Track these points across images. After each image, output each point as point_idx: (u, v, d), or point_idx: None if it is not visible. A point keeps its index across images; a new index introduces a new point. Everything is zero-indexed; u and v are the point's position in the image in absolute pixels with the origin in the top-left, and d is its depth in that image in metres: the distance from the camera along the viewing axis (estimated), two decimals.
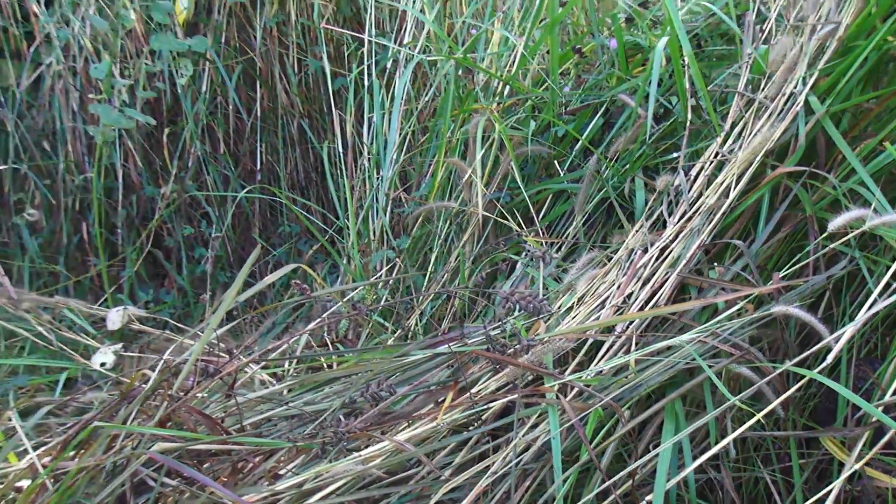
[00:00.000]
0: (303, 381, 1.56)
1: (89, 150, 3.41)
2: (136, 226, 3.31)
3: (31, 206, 3.23)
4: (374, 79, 2.57)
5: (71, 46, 3.30)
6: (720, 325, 1.44)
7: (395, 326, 2.12)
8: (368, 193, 2.46)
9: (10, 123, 3.40)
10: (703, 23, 2.02)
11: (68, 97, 3.35)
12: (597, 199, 1.92)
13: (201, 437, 1.34)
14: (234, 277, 3.29)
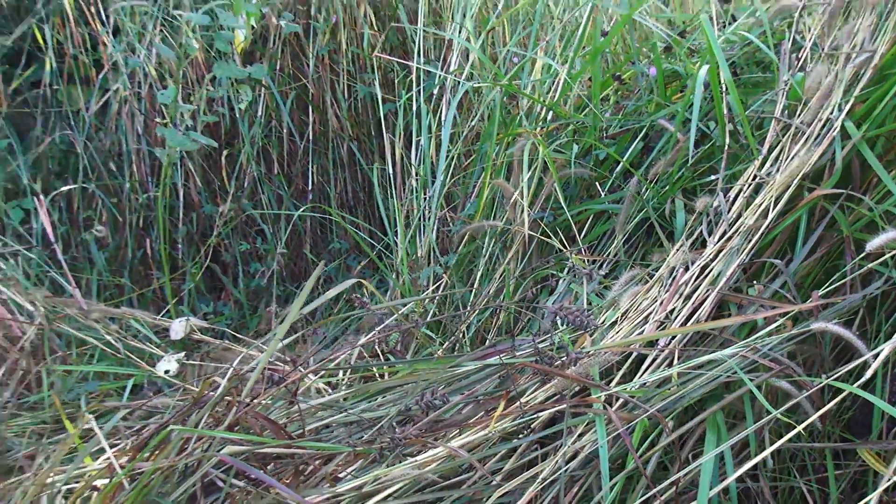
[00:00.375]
0: (359, 389, 1.58)
1: (152, 170, 3.47)
2: (196, 242, 3.35)
3: (99, 223, 3.29)
4: (422, 104, 2.60)
5: (136, 73, 3.37)
6: (760, 340, 1.44)
7: (443, 339, 2.13)
8: (416, 212, 2.48)
9: (80, 145, 3.47)
10: (739, 51, 2.01)
11: (133, 121, 3.42)
12: (637, 219, 1.91)
13: (267, 441, 1.36)
14: (286, 291, 3.34)
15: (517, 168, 2.10)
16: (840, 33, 1.77)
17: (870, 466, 1.45)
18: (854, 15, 1.82)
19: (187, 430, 1.33)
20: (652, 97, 2.09)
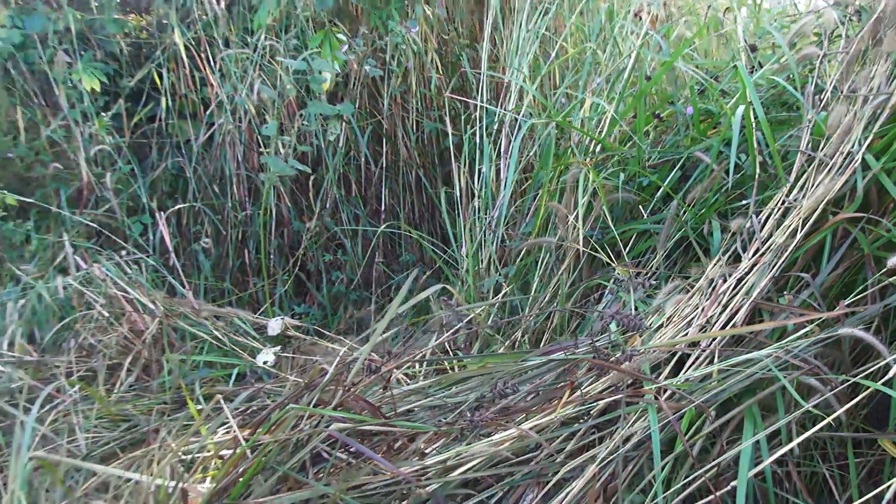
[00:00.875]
0: (441, 379, 1.60)
1: (249, 192, 3.53)
2: (286, 253, 3.41)
3: (205, 236, 3.35)
4: (485, 137, 2.63)
5: (238, 109, 3.45)
6: (790, 343, 1.44)
7: (504, 339, 2.15)
8: (480, 230, 2.50)
9: (189, 170, 3.55)
10: (766, 93, 2.01)
11: (234, 150, 3.49)
12: (676, 237, 1.92)
13: (367, 420, 1.39)
14: (361, 296, 3.38)
15: (570, 192, 2.12)
16: (858, 78, 1.77)
17: (886, 455, 1.44)
18: (870, 62, 1.82)
19: (303, 409, 1.36)
20: (689, 132, 2.10)
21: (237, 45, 3.52)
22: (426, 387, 1.58)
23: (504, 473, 1.41)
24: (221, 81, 3.51)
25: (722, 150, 1.92)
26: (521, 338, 2.08)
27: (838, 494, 1.52)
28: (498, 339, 2.15)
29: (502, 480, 1.40)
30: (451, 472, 1.37)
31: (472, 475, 1.38)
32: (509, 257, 2.40)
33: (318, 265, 3.37)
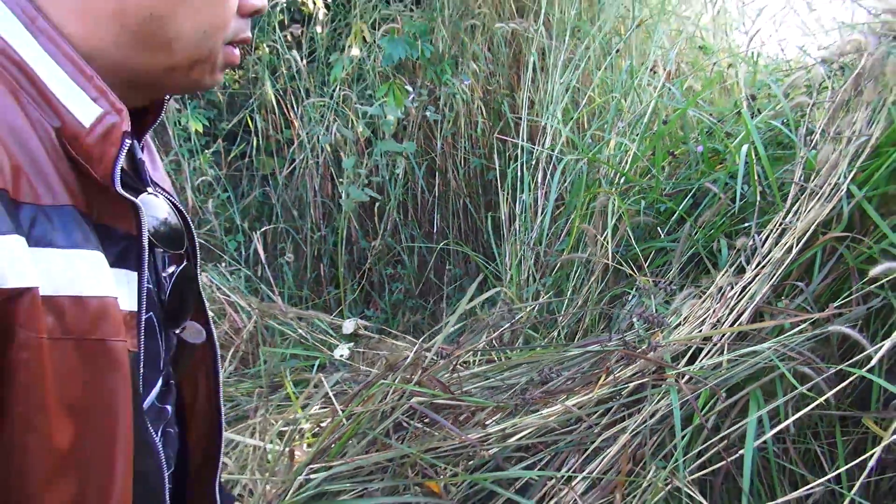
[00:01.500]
0: (497, 365, 1.70)
1: (324, 216, 3.68)
2: (354, 267, 3.54)
3: (288, 252, 3.50)
4: (525, 171, 2.73)
5: (316, 147, 3.60)
6: (788, 339, 1.52)
7: (542, 337, 2.23)
8: (521, 247, 2.60)
9: (274, 197, 3.72)
10: (765, 135, 2.09)
11: (312, 181, 3.64)
12: (689, 253, 2.00)
13: (439, 395, 1.50)
14: (416, 304, 3.49)
15: (598, 216, 2.21)
16: (842, 122, 1.84)
17: (869, 432, 1.50)
18: (852, 109, 1.89)
19: (391, 384, 1.47)
20: (699, 167, 2.18)
21: (316, 95, 3.69)
22: (485, 371, 1.68)
23: (551, 441, 1.49)
24: (303, 124, 3.68)
25: (727, 181, 2.01)
26: (557, 336, 2.17)
27: (828, 466, 1.58)
28: (537, 337, 2.24)
29: (550, 447, 1.48)
30: (508, 440, 1.46)
31: (525, 442, 1.47)
32: (546, 270, 2.49)
33: (380, 277, 3.48)
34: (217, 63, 0.60)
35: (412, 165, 3.48)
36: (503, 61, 3.54)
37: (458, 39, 3.61)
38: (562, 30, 3.06)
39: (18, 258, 0.45)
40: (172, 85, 0.60)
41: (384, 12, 3.73)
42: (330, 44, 3.88)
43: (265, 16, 3.78)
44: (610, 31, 3.03)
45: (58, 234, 0.48)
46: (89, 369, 0.50)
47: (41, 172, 0.48)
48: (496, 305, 2.49)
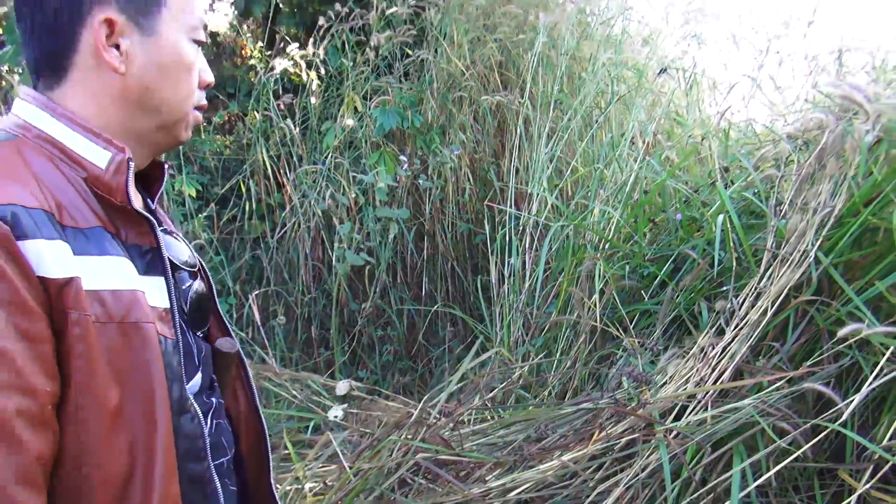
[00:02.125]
0: (495, 423, 1.79)
1: (314, 278, 3.77)
2: (344, 328, 3.61)
3: (280, 314, 3.57)
4: (513, 236, 2.87)
5: (308, 211, 3.73)
6: (766, 395, 1.64)
7: (533, 396, 2.33)
8: (510, 309, 2.71)
9: (265, 259, 3.81)
10: (738, 205, 2.25)
11: (304, 244, 3.74)
12: (672, 315, 2.13)
13: (443, 451, 1.58)
14: (406, 365, 3.56)
15: (585, 280, 2.34)
16: (808, 194, 2.00)
17: (845, 485, 1.61)
18: (817, 182, 2.06)
19: (400, 441, 1.56)
20: (678, 234, 2.33)
21: (309, 161, 3.85)
22: (484, 429, 1.77)
23: (548, 495, 1.58)
24: (295, 189, 3.81)
25: (705, 248, 2.16)
26: (548, 395, 2.27)
27: None
28: (528, 396, 2.33)
29: (547, 501, 1.57)
30: (508, 494, 1.55)
31: (524, 496, 1.55)
32: (535, 332, 2.61)
33: (370, 338, 3.56)
34: (190, 122, 0.84)
35: (402, 230, 3.61)
36: (489, 131, 3.74)
37: (445, 110, 3.82)
38: (545, 102, 3.27)
39: (63, 256, 0.66)
40: (164, 141, 0.84)
41: (375, 84, 3.94)
42: (322, 113, 4.07)
43: (260, 85, 3.96)
44: (590, 104, 3.24)
45: (91, 246, 0.70)
46: (128, 345, 0.69)
47: (76, 207, 0.71)
48: (487, 366, 2.59)
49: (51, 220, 0.67)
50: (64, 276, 0.65)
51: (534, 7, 3.72)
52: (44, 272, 0.64)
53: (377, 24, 3.91)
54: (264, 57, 4.23)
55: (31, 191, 0.67)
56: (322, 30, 3.98)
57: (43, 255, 0.65)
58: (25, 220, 0.65)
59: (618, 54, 3.33)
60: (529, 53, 3.41)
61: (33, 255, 0.64)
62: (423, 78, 3.92)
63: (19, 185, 0.67)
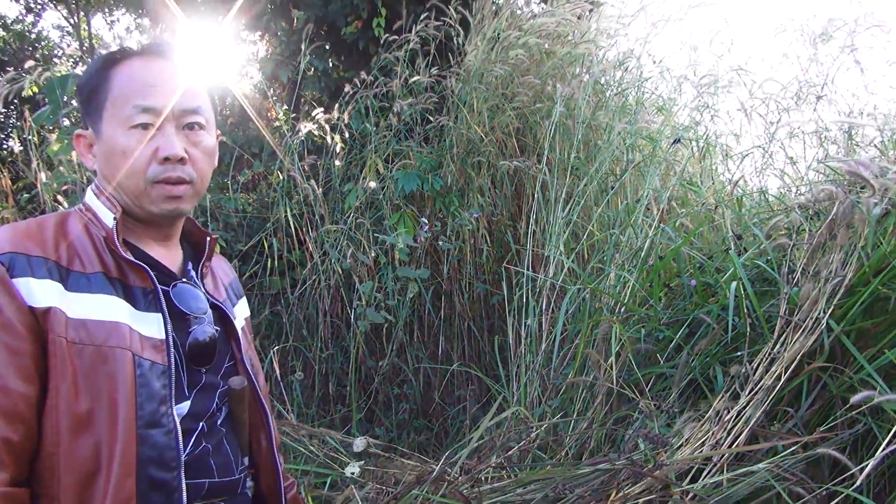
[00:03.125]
0: (514, 481, 1.83)
1: (332, 335, 3.85)
2: (361, 385, 3.66)
3: (298, 370, 3.63)
4: (530, 297, 2.95)
5: (328, 269, 3.83)
6: (781, 460, 1.68)
7: (550, 455, 2.36)
8: (527, 369, 2.76)
9: (285, 315, 3.89)
10: (752, 272, 2.32)
11: (323, 301, 3.83)
12: (687, 379, 2.18)
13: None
14: (421, 424, 3.59)
15: (601, 342, 2.40)
16: (820, 262, 2.08)
17: None
18: (828, 250, 2.14)
19: (421, 495, 1.61)
20: (693, 299, 2.40)
21: (330, 221, 3.97)
22: (503, 487, 1.81)
23: None
24: (316, 247, 3.92)
25: (720, 313, 2.23)
26: (564, 455, 2.30)
27: None
28: (544, 456, 2.36)
29: None
30: None
31: None
32: (552, 393, 2.65)
33: (387, 396, 3.61)
34: (151, 195, 1.01)
35: (420, 289, 3.70)
36: (506, 194, 3.86)
37: (464, 174, 3.96)
38: (561, 168, 3.39)
39: (49, 291, 0.89)
40: (141, 213, 1.03)
41: (397, 147, 4.10)
42: (344, 174, 4.22)
43: (284, 146, 4.13)
44: (606, 171, 3.36)
45: (91, 286, 0.93)
46: (101, 363, 0.89)
47: (88, 257, 0.96)
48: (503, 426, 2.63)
49: (49, 265, 0.90)
50: (46, 306, 0.88)
51: (551, 78, 3.90)
52: (32, 302, 0.88)
53: (400, 92, 4.10)
54: (289, 119, 4.42)
55: (41, 245, 0.92)
56: (347, 95, 4.18)
57: (32, 289, 0.88)
58: (21, 264, 0.89)
59: (632, 123, 3.46)
60: (547, 121, 3.56)
61: (23, 288, 0.88)
62: (443, 143, 4.08)
63: (32, 241, 0.92)
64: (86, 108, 1.03)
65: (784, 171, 3.17)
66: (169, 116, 1.00)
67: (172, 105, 1.00)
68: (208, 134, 1.06)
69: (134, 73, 1.00)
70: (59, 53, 9.75)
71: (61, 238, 0.96)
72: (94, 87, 1.01)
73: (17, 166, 3.96)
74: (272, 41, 5.62)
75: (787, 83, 3.40)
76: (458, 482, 1.68)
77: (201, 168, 1.05)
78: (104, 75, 1.01)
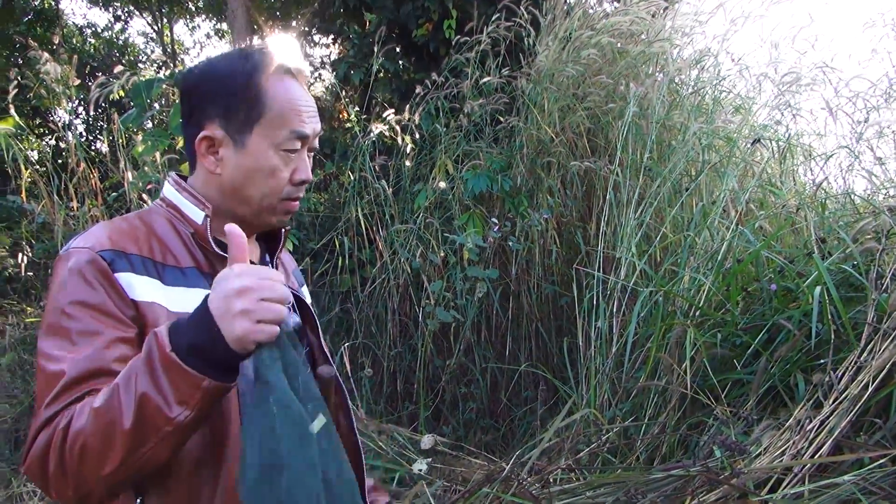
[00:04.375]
0: (585, 483, 1.82)
1: (401, 333, 3.90)
2: (428, 384, 3.69)
3: (367, 367, 3.70)
4: (601, 300, 2.91)
5: (398, 268, 3.88)
6: (869, 472, 1.61)
7: (620, 459, 2.32)
8: (597, 372, 2.73)
9: (354, 312, 3.97)
10: (837, 277, 2.24)
11: (392, 300, 3.89)
12: (765, 386, 2.11)
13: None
14: (489, 424, 3.60)
15: (675, 346, 2.36)
16: None
17: None
18: None
19: (492, 493, 1.62)
20: (772, 304, 2.33)
21: (400, 220, 4.03)
22: (573, 489, 1.80)
23: None
24: (386, 246, 3.99)
25: (801, 319, 2.15)
26: (634, 460, 2.27)
27: None
28: (614, 461, 2.33)
29: None
30: None
31: None
32: (622, 396, 2.61)
33: (453, 395, 3.63)
34: (278, 211, 1.04)
35: (488, 289, 3.71)
36: (576, 195, 3.83)
37: (534, 174, 3.94)
38: (634, 169, 3.33)
39: (149, 287, 0.93)
40: (256, 223, 1.05)
41: (466, 148, 4.12)
42: (414, 174, 4.27)
43: (357, 147, 4.20)
44: (681, 172, 3.29)
45: (187, 280, 0.97)
46: None
47: (179, 252, 0.99)
48: (572, 428, 2.61)
49: (146, 262, 0.94)
50: (149, 300, 0.92)
51: (624, 77, 3.84)
52: (135, 296, 0.91)
53: (470, 93, 4.12)
54: (361, 121, 4.50)
55: (135, 242, 0.96)
56: (418, 96, 4.23)
57: (133, 284, 0.92)
58: (121, 260, 0.92)
59: (709, 123, 3.37)
60: (619, 122, 3.51)
61: (125, 283, 0.91)
62: (512, 143, 4.07)
63: (128, 238, 0.96)
64: (226, 112, 1.00)
65: (872, 172, 3.03)
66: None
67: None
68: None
69: (291, 95, 1.01)
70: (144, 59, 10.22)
71: (152, 235, 0.99)
72: (245, 96, 0.99)
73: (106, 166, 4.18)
74: (344, 44, 5.74)
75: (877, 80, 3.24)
76: (527, 482, 1.68)
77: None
78: (258, 86, 0.99)
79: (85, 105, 4.69)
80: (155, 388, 0.78)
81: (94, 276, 0.90)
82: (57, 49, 6.11)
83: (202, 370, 0.78)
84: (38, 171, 3.90)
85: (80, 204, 3.86)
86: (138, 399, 0.78)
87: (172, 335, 0.79)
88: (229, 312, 0.77)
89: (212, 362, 0.79)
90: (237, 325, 0.77)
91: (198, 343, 0.78)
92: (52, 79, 3.75)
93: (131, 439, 0.78)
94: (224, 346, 0.78)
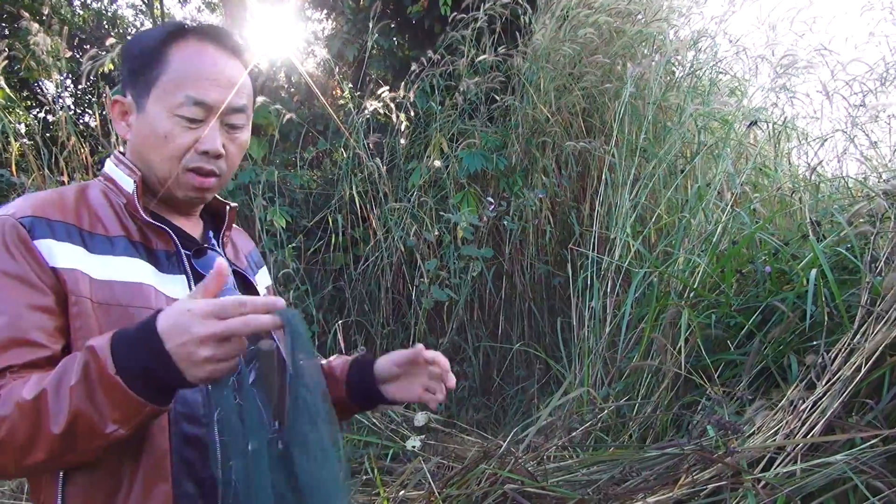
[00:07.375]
0: (580, 460, 1.83)
1: (394, 310, 3.89)
2: None
3: (360, 345, 3.69)
4: (594, 280, 2.92)
5: (391, 246, 3.87)
6: (859, 453, 1.63)
7: (613, 438, 2.34)
8: (590, 352, 2.75)
9: (347, 290, 3.96)
10: (831, 259, 2.25)
11: (385, 277, 3.88)
12: (759, 367, 2.13)
13: (531, 483, 1.64)
14: (479, 402, 3.61)
15: (669, 327, 2.37)
16: None
17: None
18: None
19: (489, 470, 1.63)
20: (766, 286, 2.34)
21: (394, 199, 4.00)
22: (568, 466, 1.81)
23: None
24: (380, 225, 3.97)
25: (795, 301, 2.16)
26: (628, 439, 2.29)
27: None
28: (607, 439, 2.35)
29: None
30: None
31: None
32: (615, 376, 2.63)
33: None
34: (181, 182, 1.00)
35: (481, 268, 3.70)
36: (571, 175, 3.82)
37: (529, 154, 3.93)
38: (629, 150, 3.33)
39: (70, 254, 0.89)
40: (169, 194, 1.01)
41: (461, 127, 4.09)
42: (409, 153, 4.24)
43: (352, 124, 4.17)
44: (676, 153, 3.28)
45: (114, 248, 0.93)
46: (128, 323, 0.81)
47: (109, 221, 0.96)
48: (566, 407, 2.62)
49: (70, 229, 0.91)
50: (68, 267, 0.88)
51: (621, 57, 3.82)
52: (54, 263, 0.88)
53: (465, 71, 4.08)
54: (354, 97, 4.45)
55: (62, 211, 0.93)
56: (413, 74, 4.19)
57: (53, 250, 0.88)
58: (41, 227, 0.89)
59: (705, 105, 3.37)
60: (615, 102, 3.49)
61: (45, 250, 0.88)
62: (508, 122, 4.05)
63: (53, 207, 0.93)
64: (133, 76, 1.00)
65: (866, 155, 3.04)
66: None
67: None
68: (246, 129, 1.05)
69: (191, 59, 0.98)
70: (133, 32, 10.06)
71: (81, 204, 0.96)
72: (148, 60, 0.98)
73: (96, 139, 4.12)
74: (338, 19, 5.66)
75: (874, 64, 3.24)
76: (523, 459, 1.69)
77: (233, 163, 1.04)
78: (161, 51, 0.98)
79: (74, 78, 4.61)
80: (91, 404, 0.76)
81: (13, 242, 0.88)
82: (47, 19, 5.99)
83: (150, 397, 0.77)
84: (27, 145, 3.84)
85: (70, 178, 3.82)
86: (72, 412, 0.76)
87: (116, 354, 0.76)
88: (192, 359, 0.75)
89: (161, 388, 0.77)
90: (202, 370, 0.75)
91: (152, 372, 0.76)
92: (43, 50, 3.68)
93: (59, 444, 0.77)
94: (182, 380, 0.76)
